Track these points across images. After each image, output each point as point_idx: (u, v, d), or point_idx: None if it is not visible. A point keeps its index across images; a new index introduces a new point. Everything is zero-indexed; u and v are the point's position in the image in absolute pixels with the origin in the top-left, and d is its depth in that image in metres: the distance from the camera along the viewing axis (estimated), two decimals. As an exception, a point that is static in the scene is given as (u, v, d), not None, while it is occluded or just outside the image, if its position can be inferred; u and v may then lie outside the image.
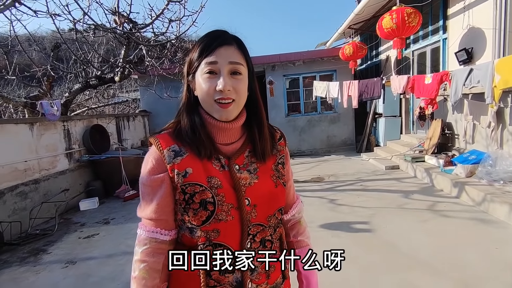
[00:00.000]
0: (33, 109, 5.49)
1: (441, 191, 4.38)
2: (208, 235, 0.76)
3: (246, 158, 0.82)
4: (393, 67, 7.35)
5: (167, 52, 5.08)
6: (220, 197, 0.75)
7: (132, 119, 7.94)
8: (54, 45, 5.33)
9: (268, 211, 0.81)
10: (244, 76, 0.78)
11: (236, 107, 0.77)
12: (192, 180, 0.75)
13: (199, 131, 0.78)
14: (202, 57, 0.75)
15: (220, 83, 0.73)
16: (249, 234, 0.78)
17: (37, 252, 3.48)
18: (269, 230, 0.82)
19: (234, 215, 0.76)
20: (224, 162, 0.79)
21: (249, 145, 0.84)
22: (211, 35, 0.77)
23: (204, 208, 0.74)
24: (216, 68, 0.74)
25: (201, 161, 0.77)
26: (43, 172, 4.68)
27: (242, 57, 0.78)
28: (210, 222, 0.75)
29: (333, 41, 9.30)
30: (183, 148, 0.78)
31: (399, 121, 7.39)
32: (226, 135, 0.81)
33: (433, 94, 4.34)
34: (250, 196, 0.78)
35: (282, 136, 0.92)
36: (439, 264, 2.52)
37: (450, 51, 5.21)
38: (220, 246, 0.76)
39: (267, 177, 0.83)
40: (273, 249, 0.84)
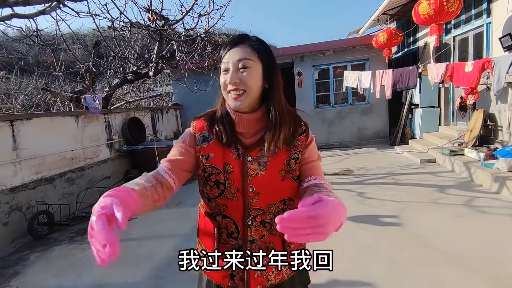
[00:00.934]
0: (78, 103, 5.97)
1: (480, 186, 4.12)
2: (219, 207, 0.95)
3: (260, 151, 0.93)
4: (432, 54, 6.91)
5: (197, 46, 5.23)
6: (229, 181, 0.92)
7: (166, 112, 8.31)
8: (95, 43, 5.72)
9: (270, 200, 0.94)
10: (253, 68, 0.88)
11: (247, 97, 0.89)
12: (212, 163, 0.94)
13: (224, 121, 0.94)
14: (221, 59, 0.93)
15: (227, 77, 0.89)
16: (250, 214, 0.94)
17: (83, 232, 3.84)
18: (269, 215, 0.95)
19: (239, 197, 0.93)
20: (240, 152, 0.93)
21: (266, 138, 0.93)
22: (229, 41, 0.93)
23: (217, 187, 0.93)
24: (227, 67, 0.89)
25: (222, 148, 0.94)
26: (88, 161, 5.11)
27: (253, 53, 0.89)
28: (221, 198, 0.94)
29: (366, 29, 8.92)
30: (211, 135, 0.96)
31: (438, 112, 6.97)
32: (244, 126, 0.94)
33: (473, 82, 4.06)
34: (255, 185, 0.92)
35: (305, 132, 0.98)
36: (471, 260, 2.42)
37: (494, 36, 4.79)
38: (227, 218, 0.95)
39: (276, 170, 0.93)
40: (272, 230, 0.96)
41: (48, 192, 4.25)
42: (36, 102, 8.33)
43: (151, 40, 5.14)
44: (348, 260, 2.61)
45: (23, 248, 3.52)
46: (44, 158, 4.25)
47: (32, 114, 4.40)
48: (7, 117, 3.86)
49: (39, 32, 3.71)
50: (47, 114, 4.61)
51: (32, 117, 4.17)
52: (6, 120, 3.77)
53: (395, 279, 2.31)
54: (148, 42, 5.27)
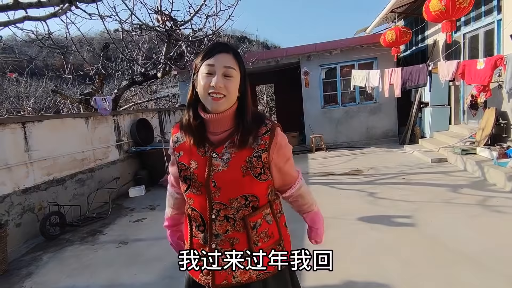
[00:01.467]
0: (87, 105, 6.03)
1: (494, 185, 4.04)
2: (188, 200, 1.06)
3: (225, 148, 0.99)
4: (441, 52, 6.82)
5: (205, 47, 5.24)
6: (194, 176, 1.01)
7: (173, 113, 8.34)
8: (104, 45, 5.77)
9: (231, 195, 0.99)
10: (235, 78, 0.96)
11: (226, 102, 0.96)
12: (182, 160, 1.04)
13: (191, 122, 1.01)
14: (203, 60, 0.96)
15: (214, 80, 0.93)
16: (213, 208, 1.00)
17: (94, 233, 3.87)
18: (231, 210, 1.00)
19: (203, 191, 1.00)
20: (207, 150, 1.00)
21: (232, 137, 1.00)
22: (214, 45, 0.98)
23: (185, 181, 1.04)
24: (213, 70, 0.94)
25: (190, 147, 1.02)
26: (98, 162, 5.15)
27: (235, 63, 0.97)
28: (188, 192, 1.04)
29: (374, 27, 8.85)
30: (182, 136, 1.05)
31: (448, 110, 6.87)
32: (215, 125, 1.01)
33: (486, 80, 3.98)
34: (217, 180, 0.98)
35: (270, 131, 1.02)
36: (489, 261, 2.37)
37: (505, 33, 4.71)
38: (194, 211, 1.04)
39: (237, 167, 0.98)
40: (236, 226, 1.01)
41: (59, 193, 4.29)
42: (46, 105, 8.44)
43: (159, 41, 5.17)
44: (363, 261, 2.57)
45: (36, 248, 3.56)
46: (55, 160, 4.29)
47: (43, 116, 4.45)
48: (19, 119, 3.92)
49: (50, 35, 3.74)
50: (57, 116, 4.66)
51: (43, 119, 4.22)
52: (18, 122, 3.82)
53: (412, 280, 2.26)
54: (156, 44, 5.30)
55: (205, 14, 4.29)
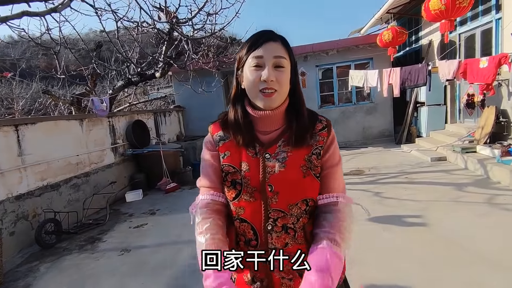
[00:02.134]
0: (80, 106, 5.81)
1: (498, 183, 4.07)
2: (237, 210, 0.90)
3: (279, 147, 0.88)
4: (437, 52, 6.90)
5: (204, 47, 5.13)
6: (246, 179, 0.87)
7: (168, 115, 8.16)
8: (97, 45, 5.57)
9: (290, 200, 0.86)
10: (287, 69, 0.86)
11: (279, 96, 0.85)
12: (228, 162, 0.91)
13: (240, 120, 0.90)
14: (250, 52, 0.85)
15: (264, 74, 0.82)
16: (269, 217, 0.86)
17: (93, 241, 3.69)
18: (291, 218, 0.87)
19: (257, 197, 0.87)
20: (258, 150, 0.89)
21: (285, 134, 0.89)
22: (259, 34, 0.87)
23: (234, 187, 0.89)
24: (262, 62, 0.83)
25: (238, 147, 0.90)
26: (93, 166, 4.95)
27: (285, 52, 0.86)
28: (238, 199, 0.89)
29: (369, 28, 8.91)
30: (227, 134, 0.93)
31: (444, 109, 6.95)
32: (266, 123, 0.90)
33: (490, 78, 4.01)
34: (274, 183, 0.86)
35: (326, 127, 0.93)
36: (507, 260, 2.34)
37: (505, 32, 4.77)
38: (245, 222, 0.89)
39: (296, 167, 0.86)
40: (296, 237, 0.87)
41: (54, 199, 4.08)
42: (36, 107, 8.12)
43: (157, 40, 5.02)
44: (381, 264, 2.51)
45: (31, 258, 3.35)
46: (50, 164, 4.08)
47: (36, 118, 4.24)
48: (12, 122, 3.71)
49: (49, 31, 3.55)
50: (51, 118, 4.45)
51: (37, 121, 4.01)
52: (11, 124, 3.61)
53: (432, 282, 2.21)
54: (153, 43, 5.13)
55: (206, 12, 4.18)
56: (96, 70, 5.07)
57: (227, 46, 7.63)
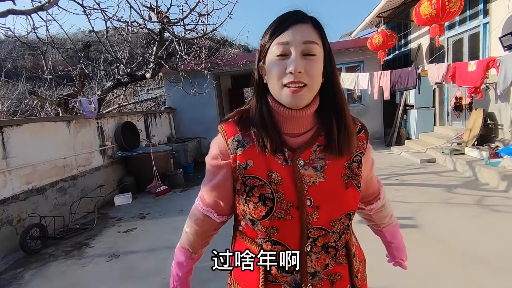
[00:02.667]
0: (67, 107, 5.66)
1: (487, 184, 4.14)
2: (268, 230, 0.73)
3: (314, 153, 0.75)
4: (425, 56, 7.02)
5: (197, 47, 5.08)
6: (279, 193, 0.71)
7: (159, 116, 8.04)
8: (85, 45, 5.45)
9: (333, 215, 0.74)
10: (319, 57, 0.70)
11: (308, 92, 0.70)
12: (252, 173, 0.73)
13: (265, 121, 0.73)
14: (273, 38, 0.70)
15: (291, 63, 0.67)
16: (309, 237, 0.73)
17: (80, 246, 3.57)
18: (333, 236, 0.75)
19: (294, 214, 0.72)
20: (288, 156, 0.73)
21: (319, 138, 0.76)
22: (284, 15, 0.72)
23: (263, 203, 0.72)
24: (287, 49, 0.68)
25: (263, 154, 0.73)
26: (80, 169, 4.81)
27: (317, 36, 0.71)
28: (269, 218, 0.72)
29: (359, 31, 9.01)
30: (247, 139, 0.75)
31: (432, 112, 7.07)
32: (295, 125, 0.75)
33: (478, 82, 4.09)
34: (313, 196, 0.72)
35: (363, 129, 0.82)
36: (500, 261, 2.36)
37: (493, 36, 4.88)
38: (279, 244, 0.73)
39: (337, 176, 0.74)
40: (338, 257, 0.77)
41: (39, 203, 3.94)
42: (22, 108, 7.88)
43: (147, 41, 4.94)
44: (376, 265, 2.49)
45: (16, 265, 3.22)
46: (35, 167, 3.95)
47: (22, 119, 4.10)
48: (-5, 123, 3.56)
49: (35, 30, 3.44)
50: (37, 120, 4.31)
51: (22, 122, 3.87)
52: (-6, 126, 3.47)
53: (429, 283, 2.21)
54: (144, 44, 5.05)
55: (198, 13, 4.13)
56: (85, 70, 4.95)
57: (219, 48, 7.59)
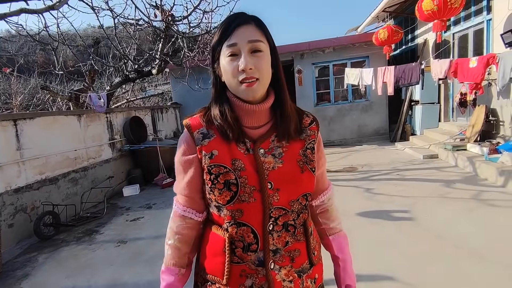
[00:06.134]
0: (77, 102, 5.88)
1: (486, 180, 4.18)
2: (233, 214, 0.80)
3: (272, 142, 0.83)
4: (431, 51, 6.98)
5: (200, 43, 5.19)
6: (243, 179, 0.78)
7: (165, 111, 8.23)
8: (94, 41, 5.62)
9: (291, 196, 0.82)
10: (265, 53, 0.78)
11: (261, 85, 0.77)
12: (217, 161, 0.79)
13: (227, 114, 0.80)
14: (222, 42, 0.77)
15: (241, 62, 0.74)
16: (270, 216, 0.80)
17: (90, 233, 3.78)
18: (292, 215, 0.83)
19: (256, 197, 0.79)
20: (249, 146, 0.81)
21: (276, 129, 0.84)
22: (228, 19, 0.79)
23: (228, 188, 0.78)
24: (237, 49, 0.75)
25: (227, 144, 0.80)
26: (91, 161, 5.03)
27: (261, 34, 0.78)
28: (234, 202, 0.79)
29: (365, 26, 8.97)
30: (211, 131, 0.82)
31: (437, 108, 7.05)
32: (254, 118, 0.83)
33: (478, 78, 4.11)
34: (273, 180, 0.80)
35: (314, 121, 0.90)
36: (491, 254, 2.44)
37: (495, 33, 4.86)
38: (244, 225, 0.80)
39: (293, 162, 0.83)
40: (296, 234, 0.84)
41: (52, 192, 4.16)
42: (34, 102, 8.16)
43: (153, 38, 5.08)
44: (366, 255, 2.61)
45: (30, 250, 3.45)
46: (48, 158, 4.16)
47: (35, 113, 4.31)
48: (11, 116, 3.78)
49: (47, 28, 3.61)
50: (50, 113, 4.52)
51: (35, 116, 4.09)
52: (9, 119, 3.68)
53: (416, 272, 2.32)
54: (150, 40, 5.19)
55: (202, 10, 4.24)
56: (94, 66, 5.13)
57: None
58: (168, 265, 0.90)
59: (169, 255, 0.90)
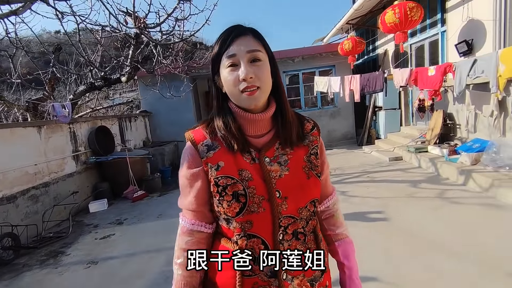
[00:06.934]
0: (36, 112, 5.44)
1: (447, 179, 4.51)
2: (243, 226, 0.79)
3: (277, 150, 0.83)
4: (391, 61, 7.48)
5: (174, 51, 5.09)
6: (251, 189, 0.78)
7: (134, 120, 7.90)
8: (55, 47, 5.28)
9: (299, 203, 0.82)
10: (264, 62, 0.79)
11: (262, 93, 0.79)
12: (224, 173, 0.79)
13: (230, 125, 0.81)
14: (221, 53, 0.79)
15: (242, 72, 0.75)
16: (280, 226, 0.79)
17: (55, 254, 3.48)
18: (301, 223, 0.82)
19: (265, 207, 0.78)
20: (254, 155, 0.81)
21: (279, 137, 0.84)
22: (226, 31, 0.81)
23: (237, 200, 0.78)
24: (236, 60, 0.77)
25: (232, 155, 0.80)
26: (52, 175, 4.65)
27: (259, 44, 0.79)
28: (243, 214, 0.78)
29: (330, 37, 9.40)
30: (215, 142, 0.82)
31: (399, 113, 7.54)
32: (257, 127, 0.83)
33: (437, 85, 4.46)
34: (281, 188, 0.80)
35: (315, 126, 0.92)
36: (459, 248, 2.63)
37: (450, 43, 5.34)
38: (254, 237, 0.79)
39: (299, 168, 0.83)
40: (307, 241, 0.84)
41: (10, 212, 3.78)
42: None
43: (122, 44, 4.88)
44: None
45: (-15, 278, 3.08)
46: (5, 174, 3.79)
47: (-13, 125, 3.90)
48: (-41, 130, 3.39)
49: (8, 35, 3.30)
50: (6, 125, 4.14)
51: (-11, 128, 3.71)
52: (-42, 132, 3.30)
53: (397, 271, 2.42)
54: (118, 47, 4.97)
55: (174, 18, 4.17)
56: (56, 74, 4.79)
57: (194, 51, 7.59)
58: (179, 287, 0.85)
59: (179, 275, 0.85)
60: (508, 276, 2.19)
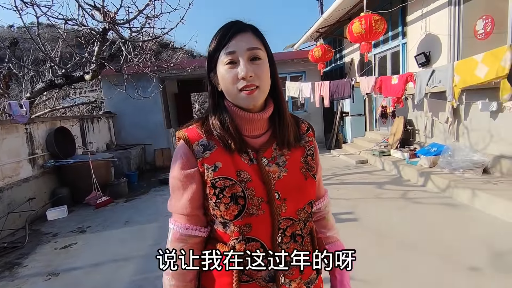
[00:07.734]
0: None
1: (409, 181, 4.82)
2: (241, 229, 0.75)
3: (274, 151, 0.81)
4: (357, 69, 7.87)
5: (143, 50, 4.90)
6: (250, 191, 0.75)
7: (97, 121, 7.47)
8: (11, 42, 4.85)
9: (298, 205, 0.80)
10: (264, 60, 0.76)
11: (261, 92, 0.76)
12: (222, 174, 0.75)
13: (227, 124, 0.77)
14: (220, 49, 0.75)
15: (241, 70, 0.72)
16: (279, 228, 0.78)
17: (11, 266, 3.15)
18: (299, 224, 0.81)
19: (265, 209, 0.76)
20: (252, 156, 0.78)
21: (276, 138, 0.82)
22: (225, 26, 0.77)
23: (235, 202, 0.74)
24: (235, 57, 0.74)
25: (230, 155, 0.77)
26: (6, 180, 4.23)
27: (259, 42, 0.77)
28: (242, 217, 0.74)
29: (301, 44, 9.68)
30: (211, 142, 0.78)
31: (364, 119, 7.94)
32: (254, 127, 0.81)
33: (399, 93, 4.77)
34: (280, 190, 0.78)
35: (310, 127, 0.92)
36: (422, 244, 2.81)
37: (409, 55, 5.76)
38: (253, 241, 0.76)
39: (296, 169, 0.81)
40: (304, 243, 0.83)
41: (-48, 222, 3.37)
42: None
43: (86, 40, 4.60)
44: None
45: None
46: None
47: None
48: None
49: None
50: None
51: None
52: None
53: (370, 268, 2.51)
54: (82, 43, 4.65)
55: (145, 15, 4.02)
56: (13, 70, 4.38)
57: (162, 51, 7.40)
58: None
59: (172, 285, 0.81)
60: (468, 268, 2.39)
